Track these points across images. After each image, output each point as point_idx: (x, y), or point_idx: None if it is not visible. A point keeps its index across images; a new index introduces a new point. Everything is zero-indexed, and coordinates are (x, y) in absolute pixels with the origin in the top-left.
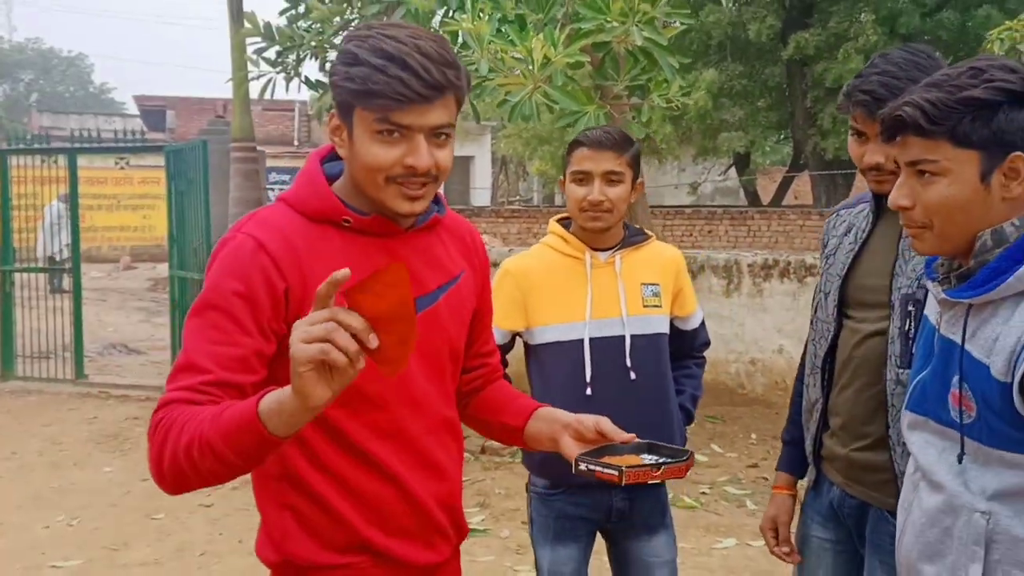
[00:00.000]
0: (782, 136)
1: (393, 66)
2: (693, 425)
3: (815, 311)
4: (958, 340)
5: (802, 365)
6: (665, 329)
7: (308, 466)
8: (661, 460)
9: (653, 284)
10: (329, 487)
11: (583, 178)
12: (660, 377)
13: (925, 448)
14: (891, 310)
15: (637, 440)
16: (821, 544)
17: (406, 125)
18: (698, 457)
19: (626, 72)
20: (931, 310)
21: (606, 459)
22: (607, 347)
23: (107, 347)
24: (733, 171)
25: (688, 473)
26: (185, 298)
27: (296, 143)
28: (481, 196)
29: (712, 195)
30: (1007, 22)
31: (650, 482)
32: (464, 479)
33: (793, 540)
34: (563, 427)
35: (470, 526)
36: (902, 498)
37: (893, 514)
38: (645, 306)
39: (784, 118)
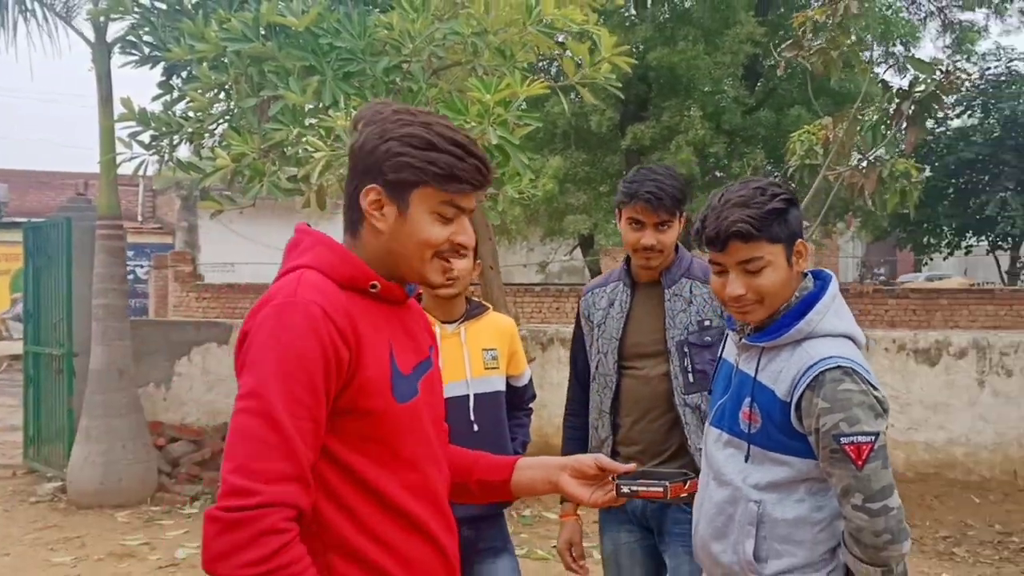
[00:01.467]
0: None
1: (468, 156)
2: None
3: (595, 367)
4: (752, 373)
5: (570, 415)
6: (502, 387)
7: (358, 534)
8: (688, 476)
9: (492, 349)
10: (380, 553)
11: None
12: (499, 427)
13: (718, 454)
14: (669, 355)
15: (634, 467)
16: (630, 546)
17: (463, 207)
18: (549, 515)
19: None
20: (729, 353)
21: (640, 482)
22: (455, 405)
23: None
24: (579, 251)
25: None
26: (40, 374)
27: (140, 219)
28: None
29: (559, 274)
30: (806, 126)
31: (682, 495)
32: None
33: (600, 553)
34: (559, 469)
35: None
36: (696, 498)
37: (689, 507)
38: (486, 368)
39: None
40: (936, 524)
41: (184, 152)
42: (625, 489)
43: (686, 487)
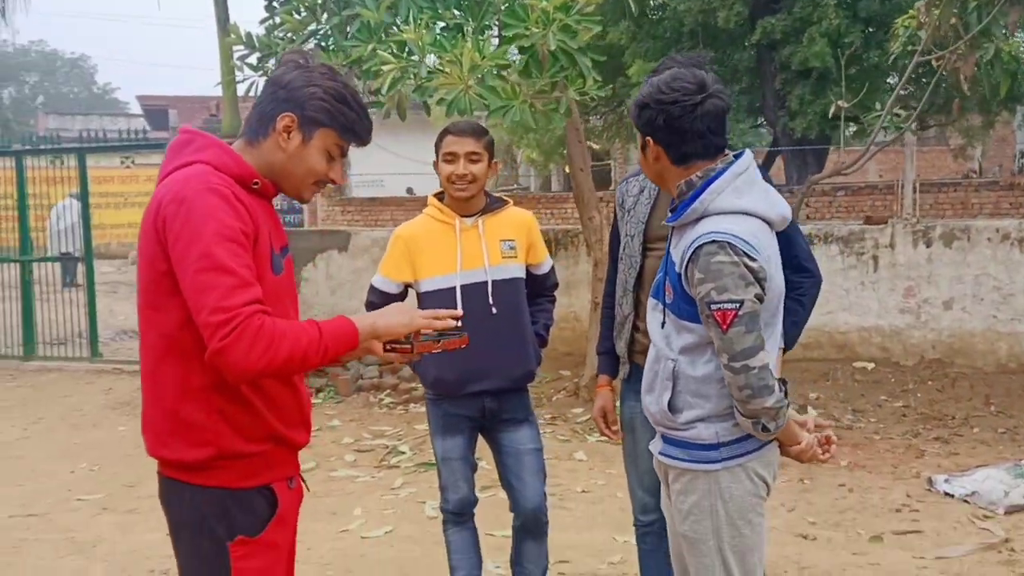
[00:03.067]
0: (758, 121)
1: (365, 117)
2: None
3: (622, 250)
4: (668, 249)
5: (607, 295)
6: (520, 275)
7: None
8: (442, 335)
9: (510, 240)
10: (249, 388)
11: (451, 158)
12: (517, 311)
13: (652, 322)
14: None
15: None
16: (643, 416)
17: (345, 153)
18: None
19: (547, 71)
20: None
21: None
22: (474, 291)
23: (118, 333)
24: None
25: (464, 346)
26: None
27: None
28: None
29: None
30: (910, 11)
31: (435, 351)
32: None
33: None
34: (371, 336)
35: None
36: None
37: None
38: (504, 257)
39: (756, 101)
40: None
41: None
42: (388, 347)
43: (438, 345)
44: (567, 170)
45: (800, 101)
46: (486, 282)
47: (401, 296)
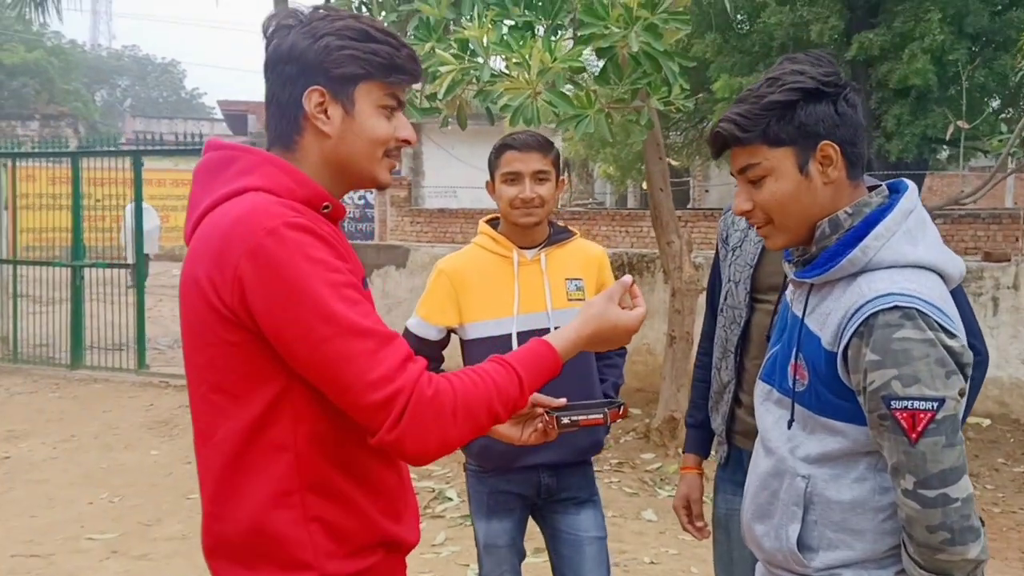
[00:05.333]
0: None
1: (401, 46)
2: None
3: (724, 299)
4: (800, 315)
5: (702, 354)
6: None
7: (332, 469)
8: (616, 402)
9: (576, 279)
10: (351, 483)
11: (514, 178)
12: (583, 365)
13: (766, 416)
14: None
15: (565, 402)
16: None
17: (401, 101)
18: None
19: (627, 76)
20: (788, 290)
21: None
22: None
23: (178, 340)
24: None
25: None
26: None
27: None
28: None
29: None
30: None
31: (618, 419)
32: None
33: (708, 516)
34: None
35: None
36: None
37: None
38: (569, 300)
39: None
40: None
41: None
42: (565, 420)
43: (620, 412)
44: (644, 187)
45: (897, 121)
46: (548, 329)
47: (442, 344)
